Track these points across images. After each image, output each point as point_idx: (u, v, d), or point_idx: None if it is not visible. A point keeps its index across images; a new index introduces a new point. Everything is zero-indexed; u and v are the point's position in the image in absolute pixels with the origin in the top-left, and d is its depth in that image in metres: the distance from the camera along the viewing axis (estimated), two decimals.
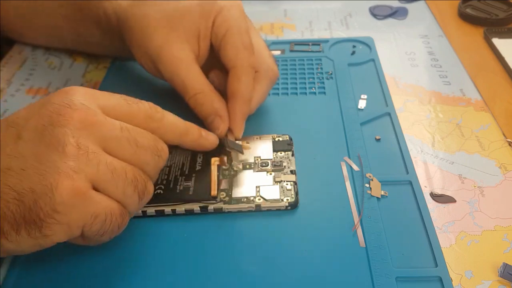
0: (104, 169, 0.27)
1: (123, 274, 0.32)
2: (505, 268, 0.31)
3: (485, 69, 0.50)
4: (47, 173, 0.26)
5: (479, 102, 0.45)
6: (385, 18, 0.60)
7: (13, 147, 0.27)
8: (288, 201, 0.35)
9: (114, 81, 0.50)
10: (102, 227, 0.28)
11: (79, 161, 0.26)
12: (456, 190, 0.37)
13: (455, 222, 0.34)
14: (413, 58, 0.53)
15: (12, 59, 0.56)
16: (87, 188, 0.27)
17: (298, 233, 0.34)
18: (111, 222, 0.28)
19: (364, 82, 0.48)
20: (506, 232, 0.34)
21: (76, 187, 0.26)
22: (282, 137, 0.41)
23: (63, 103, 0.28)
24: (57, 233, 0.26)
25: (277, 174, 0.38)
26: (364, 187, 0.37)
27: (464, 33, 0.56)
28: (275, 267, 0.32)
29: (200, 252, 0.33)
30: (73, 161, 0.26)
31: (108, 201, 0.28)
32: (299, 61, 0.52)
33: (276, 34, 0.58)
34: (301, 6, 0.64)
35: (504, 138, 0.41)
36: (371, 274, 0.31)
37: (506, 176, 0.38)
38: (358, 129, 0.42)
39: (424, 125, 0.43)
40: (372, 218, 0.34)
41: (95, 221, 0.27)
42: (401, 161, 0.39)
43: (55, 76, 0.53)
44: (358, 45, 0.54)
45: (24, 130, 0.27)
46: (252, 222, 0.35)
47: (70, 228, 0.26)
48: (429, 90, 0.48)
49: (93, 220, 0.27)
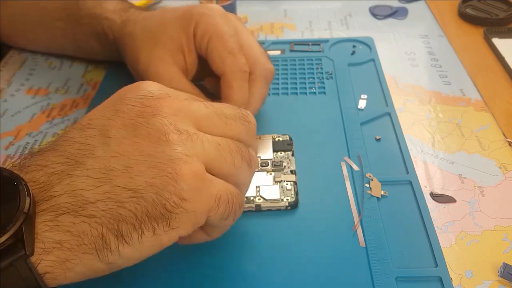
0: (209, 147, 0.26)
1: (122, 274, 0.32)
2: (505, 268, 0.31)
3: (485, 69, 0.50)
4: (162, 164, 0.25)
5: (479, 102, 0.45)
6: (385, 18, 0.60)
7: (105, 148, 0.25)
8: (288, 201, 0.35)
9: (114, 81, 0.50)
10: (226, 209, 0.27)
11: (186, 145, 0.26)
12: (456, 190, 0.37)
13: (455, 222, 0.34)
14: (413, 58, 0.53)
15: (12, 59, 0.56)
16: (203, 170, 0.26)
17: (298, 233, 0.34)
18: (233, 201, 0.27)
19: (364, 82, 0.48)
20: (506, 232, 0.34)
21: (195, 170, 0.25)
22: (282, 137, 0.41)
23: (143, 95, 0.27)
24: (184, 224, 0.25)
25: (277, 174, 0.38)
26: (364, 187, 0.37)
27: (464, 33, 0.56)
28: (275, 267, 0.32)
29: (200, 251, 0.33)
30: (181, 146, 0.25)
31: (223, 181, 0.27)
32: (299, 61, 0.52)
33: (276, 34, 0.58)
34: (301, 6, 0.64)
35: (504, 138, 0.41)
36: (371, 274, 0.31)
37: (506, 176, 0.38)
38: (358, 129, 0.42)
39: (424, 125, 0.43)
40: (372, 218, 0.34)
41: (220, 203, 0.26)
42: (401, 161, 0.39)
43: (55, 76, 0.53)
44: (358, 45, 0.54)
45: (111, 129, 0.26)
46: (252, 222, 0.35)
47: (197, 216, 0.25)
48: (429, 90, 0.48)
49: (218, 203, 0.26)
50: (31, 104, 0.49)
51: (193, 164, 0.25)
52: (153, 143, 0.25)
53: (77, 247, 0.23)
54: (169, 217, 0.24)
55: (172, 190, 0.24)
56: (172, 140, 0.25)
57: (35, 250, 0.22)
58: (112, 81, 0.50)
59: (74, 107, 0.48)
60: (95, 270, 0.24)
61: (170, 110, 0.27)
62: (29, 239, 0.22)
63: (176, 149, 0.25)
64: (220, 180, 0.27)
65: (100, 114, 0.27)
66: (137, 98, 0.27)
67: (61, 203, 0.23)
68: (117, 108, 0.27)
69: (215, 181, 0.26)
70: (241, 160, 0.28)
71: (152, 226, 0.24)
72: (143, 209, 0.24)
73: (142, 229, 0.24)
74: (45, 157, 0.25)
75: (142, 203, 0.24)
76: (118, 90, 0.29)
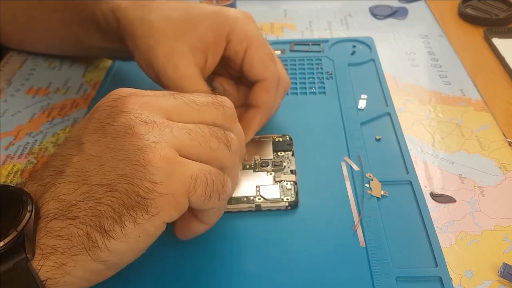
0: (179, 133, 0.27)
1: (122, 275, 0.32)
2: (505, 268, 0.31)
3: (485, 69, 0.50)
4: (130, 155, 0.25)
5: (479, 102, 0.45)
6: (385, 18, 0.60)
7: (80, 154, 0.26)
8: (288, 201, 0.35)
9: (114, 81, 0.50)
10: (206, 189, 0.27)
11: (153, 133, 0.26)
12: (456, 190, 0.37)
13: (455, 222, 0.34)
14: (413, 58, 0.53)
15: (12, 59, 0.56)
16: (174, 154, 0.26)
17: (298, 233, 0.34)
18: (213, 180, 0.27)
19: (364, 82, 0.48)
20: (506, 232, 0.34)
21: (163, 154, 0.25)
22: (282, 137, 0.41)
23: (111, 99, 0.28)
24: (164, 208, 0.25)
25: (277, 174, 0.38)
26: (364, 187, 0.37)
27: (464, 33, 0.56)
28: (275, 267, 0.32)
29: (200, 252, 0.33)
30: (148, 135, 0.26)
31: (201, 164, 0.27)
32: (299, 61, 0.52)
33: (276, 34, 0.58)
34: (301, 6, 0.64)
35: (504, 138, 0.41)
36: (371, 274, 0.31)
37: (506, 176, 0.38)
38: (358, 129, 0.42)
39: (424, 125, 0.43)
40: (372, 218, 0.34)
41: (197, 183, 0.26)
42: (401, 161, 0.39)
43: (55, 76, 0.53)
44: (358, 45, 0.54)
45: (84, 136, 0.27)
46: (252, 222, 0.35)
47: (175, 197, 0.25)
48: (429, 90, 0.48)
49: (195, 183, 0.26)
50: (31, 104, 0.49)
51: (161, 150, 0.25)
52: (121, 138, 0.26)
53: (68, 250, 0.24)
54: (146, 203, 0.25)
55: (142, 176, 0.25)
56: (138, 131, 0.26)
57: (35, 256, 0.23)
58: (112, 81, 0.50)
59: (74, 107, 0.48)
60: (94, 271, 0.25)
61: (135, 105, 0.27)
62: (30, 244, 0.23)
63: (142, 138, 0.26)
64: (196, 162, 0.27)
65: (78, 126, 0.28)
66: (107, 103, 0.28)
67: (50, 209, 0.25)
68: (90, 117, 0.28)
69: (189, 163, 0.26)
70: (217, 142, 0.28)
71: (132, 216, 0.24)
72: (119, 201, 0.24)
73: (123, 221, 0.24)
74: (38, 172, 0.27)
75: (116, 195, 0.25)
76: None
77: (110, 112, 0.27)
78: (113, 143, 0.26)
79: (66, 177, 0.26)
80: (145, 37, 0.38)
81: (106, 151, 0.26)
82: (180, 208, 0.26)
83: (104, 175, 0.25)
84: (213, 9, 0.40)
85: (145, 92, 0.29)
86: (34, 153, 0.42)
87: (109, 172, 0.25)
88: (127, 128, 0.26)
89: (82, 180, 0.25)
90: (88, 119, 0.28)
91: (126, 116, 0.27)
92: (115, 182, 0.25)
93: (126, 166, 0.25)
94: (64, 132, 0.45)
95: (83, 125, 0.28)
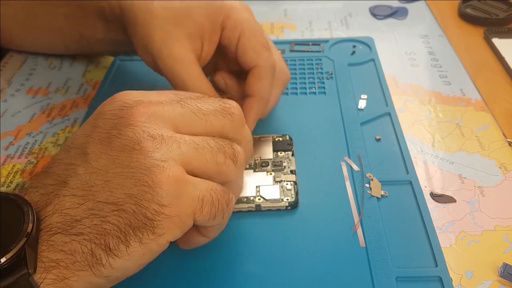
0: (187, 148, 0.26)
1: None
2: (505, 268, 0.31)
3: (485, 69, 0.50)
4: (138, 173, 0.25)
5: (479, 102, 0.45)
6: (385, 18, 0.60)
7: (85, 165, 0.26)
8: (288, 201, 0.35)
9: (114, 80, 0.50)
10: (212, 208, 0.26)
11: (161, 150, 0.25)
12: (456, 190, 0.37)
13: (455, 222, 0.35)
14: (413, 58, 0.53)
15: (12, 59, 0.56)
16: (182, 173, 0.26)
17: (298, 233, 0.34)
18: (218, 200, 0.27)
19: (364, 82, 0.48)
20: (506, 232, 0.34)
21: (172, 175, 0.25)
22: (282, 137, 0.41)
23: (117, 106, 0.27)
24: (170, 229, 0.25)
25: (277, 174, 0.38)
26: (364, 187, 0.37)
27: (464, 33, 0.56)
28: (275, 267, 0.32)
29: (200, 251, 0.33)
30: (155, 152, 0.25)
31: (207, 181, 0.27)
32: (299, 61, 0.52)
33: (276, 34, 0.58)
34: (301, 6, 0.64)
35: (504, 138, 0.41)
36: (371, 274, 0.31)
37: (506, 176, 0.38)
38: (358, 129, 0.42)
39: (424, 125, 0.43)
40: (372, 218, 0.34)
41: (204, 203, 0.26)
42: (401, 161, 0.39)
43: (55, 76, 0.53)
44: (358, 45, 0.54)
45: (89, 146, 0.26)
46: (252, 222, 0.35)
47: (181, 219, 0.25)
48: (429, 90, 0.48)
49: (201, 203, 0.26)
50: (31, 104, 0.49)
51: (170, 169, 0.25)
52: (128, 153, 0.25)
53: (71, 265, 0.24)
54: (152, 225, 0.24)
55: (150, 199, 0.24)
56: (146, 148, 0.25)
57: (37, 269, 0.23)
58: (112, 81, 0.50)
59: (74, 107, 0.48)
60: (95, 284, 0.25)
61: (143, 117, 0.27)
62: (31, 259, 0.23)
63: (150, 156, 0.25)
64: (202, 180, 0.27)
65: (81, 132, 0.27)
66: (112, 110, 0.27)
67: (54, 223, 0.24)
68: (94, 124, 0.27)
69: (196, 182, 0.26)
70: (224, 157, 0.28)
71: (138, 236, 0.24)
72: (126, 221, 0.24)
73: (128, 241, 0.24)
74: (40, 179, 0.26)
75: (123, 215, 0.24)
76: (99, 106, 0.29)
77: (116, 123, 0.26)
78: (120, 158, 0.25)
79: (71, 190, 0.25)
80: (145, 23, 0.38)
81: (112, 166, 0.25)
82: (185, 227, 0.26)
83: (111, 192, 0.25)
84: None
85: (151, 99, 0.28)
86: (34, 153, 0.43)
87: (115, 190, 0.25)
88: (135, 143, 0.25)
89: (87, 195, 0.25)
90: (92, 127, 0.27)
91: (133, 130, 0.26)
92: (123, 202, 0.24)
93: (134, 186, 0.25)
94: (64, 132, 0.45)
95: (88, 132, 0.27)
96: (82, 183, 0.25)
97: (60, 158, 0.27)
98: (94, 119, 0.28)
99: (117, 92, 0.31)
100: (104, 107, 0.28)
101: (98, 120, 0.27)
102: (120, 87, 0.29)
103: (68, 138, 0.44)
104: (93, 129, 0.27)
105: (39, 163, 0.41)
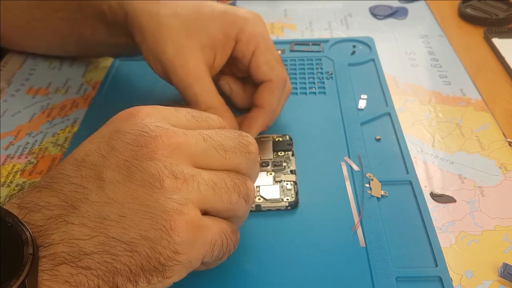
0: (205, 189, 0.26)
1: None
2: (505, 268, 0.31)
3: (485, 69, 0.50)
4: (155, 215, 0.24)
5: (479, 102, 0.45)
6: (385, 18, 0.60)
7: (99, 193, 0.24)
8: (288, 201, 0.35)
9: (114, 81, 0.50)
10: (220, 251, 0.27)
11: (182, 192, 0.25)
12: (456, 190, 0.37)
13: (455, 222, 0.35)
14: (413, 58, 0.53)
15: (12, 59, 0.56)
16: (199, 218, 0.25)
17: (298, 233, 0.34)
18: (227, 243, 0.27)
19: (364, 82, 0.48)
20: (506, 232, 0.34)
21: (190, 221, 0.25)
22: (282, 137, 0.41)
23: (138, 131, 0.26)
24: (179, 272, 0.25)
25: (277, 174, 0.38)
26: (364, 187, 0.37)
27: (464, 33, 0.56)
28: (275, 267, 0.32)
29: None
30: (176, 194, 0.25)
31: (219, 222, 0.27)
32: (299, 61, 0.52)
33: (276, 34, 0.58)
34: (301, 6, 0.64)
35: (504, 138, 0.41)
36: (371, 274, 0.31)
37: (506, 176, 0.38)
38: (358, 129, 0.42)
39: (424, 125, 0.43)
40: (372, 218, 0.34)
41: (214, 248, 0.26)
42: (401, 161, 0.39)
43: (55, 76, 0.53)
44: (358, 45, 0.54)
45: (105, 170, 0.25)
46: (252, 222, 0.35)
47: (192, 264, 0.25)
48: (429, 90, 0.48)
49: (212, 248, 0.26)
50: (31, 104, 0.49)
51: (187, 214, 0.25)
52: (148, 190, 0.25)
53: None
54: (164, 269, 0.24)
55: (166, 245, 0.24)
56: (167, 187, 0.25)
57: None
58: (112, 81, 0.50)
59: (74, 107, 0.48)
60: None
61: (165, 151, 0.25)
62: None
63: (170, 198, 0.25)
64: (215, 222, 0.27)
65: (95, 149, 0.26)
66: (131, 133, 0.26)
67: (59, 252, 0.23)
68: (111, 145, 0.26)
69: (210, 226, 0.26)
70: (238, 197, 0.27)
71: (147, 278, 0.24)
72: (138, 263, 0.24)
73: (137, 281, 0.24)
74: (43, 196, 0.25)
75: (136, 257, 0.24)
76: (112, 117, 0.28)
77: (136, 152, 0.25)
78: (138, 193, 0.24)
79: (81, 218, 0.24)
80: (154, 31, 0.38)
81: (129, 200, 0.24)
82: (192, 269, 0.26)
83: (125, 230, 0.24)
84: (223, 8, 0.40)
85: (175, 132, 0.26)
86: (34, 153, 0.43)
87: (130, 228, 0.24)
88: (156, 181, 0.25)
89: (99, 228, 0.24)
90: (109, 148, 0.26)
91: (156, 166, 0.25)
92: (137, 243, 0.24)
93: (151, 228, 0.24)
94: (64, 132, 0.45)
95: (103, 152, 0.26)
96: (94, 213, 0.24)
97: (67, 173, 0.25)
98: (110, 137, 0.26)
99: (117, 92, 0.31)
100: (122, 125, 0.27)
101: (116, 140, 0.26)
102: (120, 87, 0.29)
103: (68, 138, 0.44)
104: (110, 151, 0.26)
105: (39, 163, 0.41)
